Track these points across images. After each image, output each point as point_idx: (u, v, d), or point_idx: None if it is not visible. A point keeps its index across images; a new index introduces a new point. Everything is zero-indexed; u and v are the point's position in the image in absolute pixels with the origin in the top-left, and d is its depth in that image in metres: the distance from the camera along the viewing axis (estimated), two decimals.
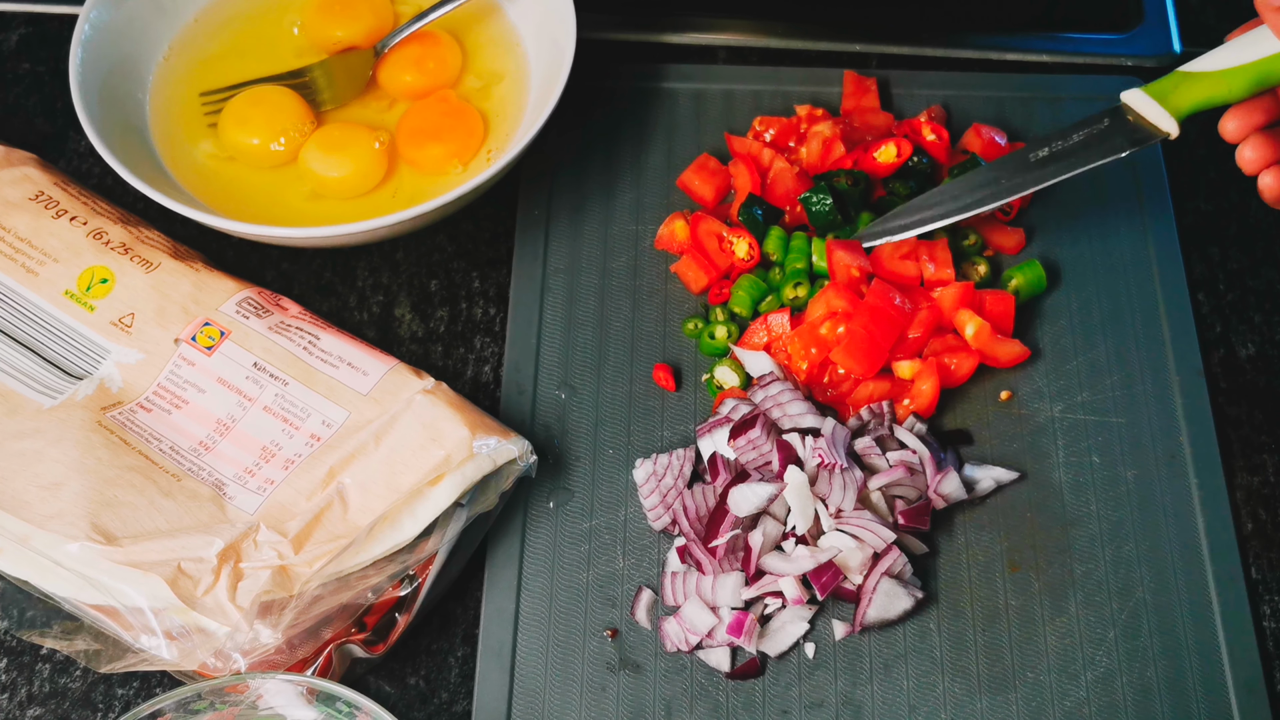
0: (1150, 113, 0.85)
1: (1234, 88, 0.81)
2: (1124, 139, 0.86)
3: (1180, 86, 0.84)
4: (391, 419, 0.82)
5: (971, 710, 0.82)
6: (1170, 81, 0.85)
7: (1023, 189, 0.89)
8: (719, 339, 0.92)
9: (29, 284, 0.87)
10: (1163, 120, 0.85)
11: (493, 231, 0.99)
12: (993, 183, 0.90)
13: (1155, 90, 0.86)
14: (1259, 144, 0.81)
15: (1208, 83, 0.82)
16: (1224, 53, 0.82)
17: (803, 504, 0.83)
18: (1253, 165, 0.81)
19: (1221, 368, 0.95)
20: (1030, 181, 0.89)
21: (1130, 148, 0.86)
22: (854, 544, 0.83)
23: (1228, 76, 0.81)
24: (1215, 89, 0.82)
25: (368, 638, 0.81)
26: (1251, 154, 0.81)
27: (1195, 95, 0.84)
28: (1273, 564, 0.88)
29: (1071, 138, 0.88)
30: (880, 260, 0.92)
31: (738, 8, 1.10)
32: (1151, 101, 0.85)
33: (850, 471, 0.84)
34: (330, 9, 1.02)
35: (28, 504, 0.78)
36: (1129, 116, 0.87)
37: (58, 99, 1.05)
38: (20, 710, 0.82)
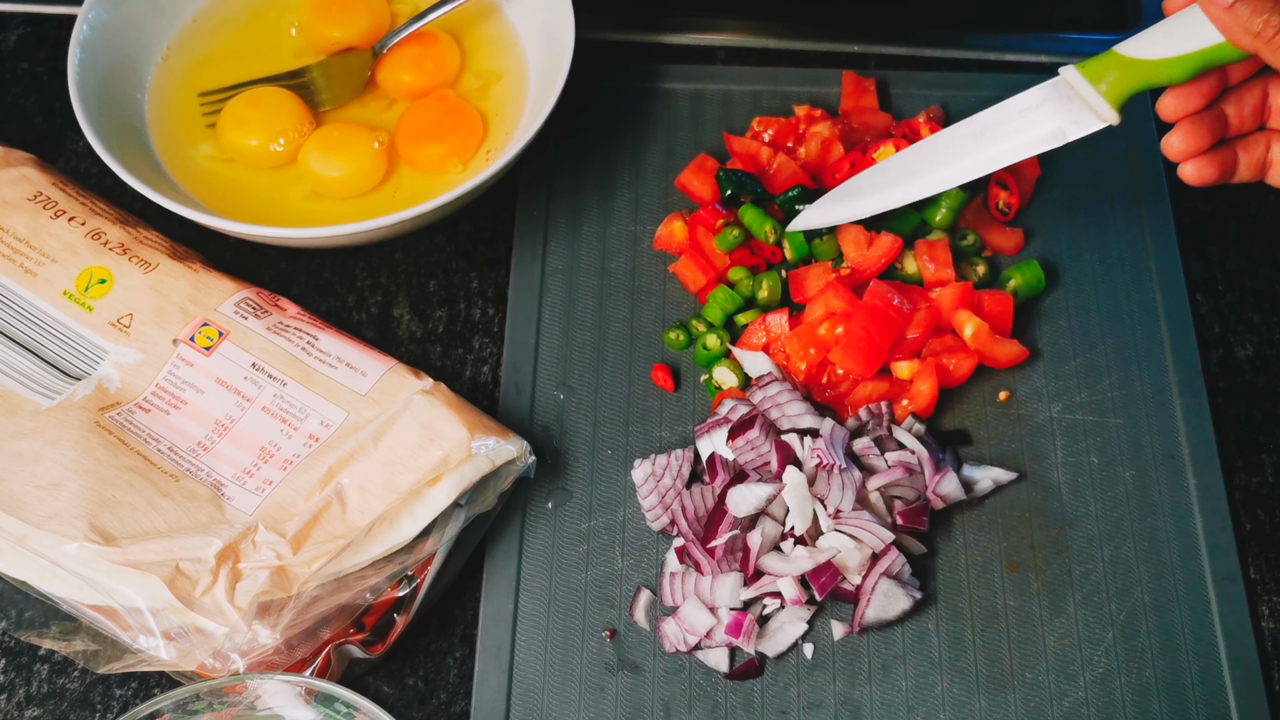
0: (1090, 98, 0.81)
1: (1174, 75, 0.78)
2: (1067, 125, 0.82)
3: (1120, 71, 0.79)
4: (390, 419, 0.82)
5: (970, 710, 0.82)
6: (1108, 63, 0.80)
7: (963, 177, 0.85)
8: (712, 347, 0.92)
9: (27, 284, 0.87)
10: (1103, 109, 0.81)
11: (491, 232, 0.99)
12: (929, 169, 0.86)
13: (1092, 73, 0.81)
14: (1189, 133, 0.78)
15: (1147, 69, 0.78)
16: (1165, 35, 0.78)
17: (801, 504, 0.83)
18: (1178, 154, 0.79)
19: (1220, 368, 0.95)
20: (970, 168, 0.85)
21: (1074, 135, 0.82)
22: (852, 544, 0.83)
23: (1168, 65, 0.77)
24: (1155, 75, 0.78)
25: (366, 638, 0.81)
26: (1179, 143, 0.79)
27: (1135, 81, 0.79)
28: (1271, 564, 0.88)
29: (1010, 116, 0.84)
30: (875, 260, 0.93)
31: (736, 8, 1.10)
32: (1089, 87, 0.80)
33: (849, 472, 0.84)
34: (327, 10, 1.02)
35: (26, 504, 0.78)
36: (1067, 94, 0.82)
37: (56, 99, 1.05)
38: (19, 711, 0.82)
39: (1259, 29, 0.73)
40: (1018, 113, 0.84)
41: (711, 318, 0.93)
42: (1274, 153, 0.80)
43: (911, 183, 0.87)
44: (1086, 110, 0.81)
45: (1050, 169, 1.01)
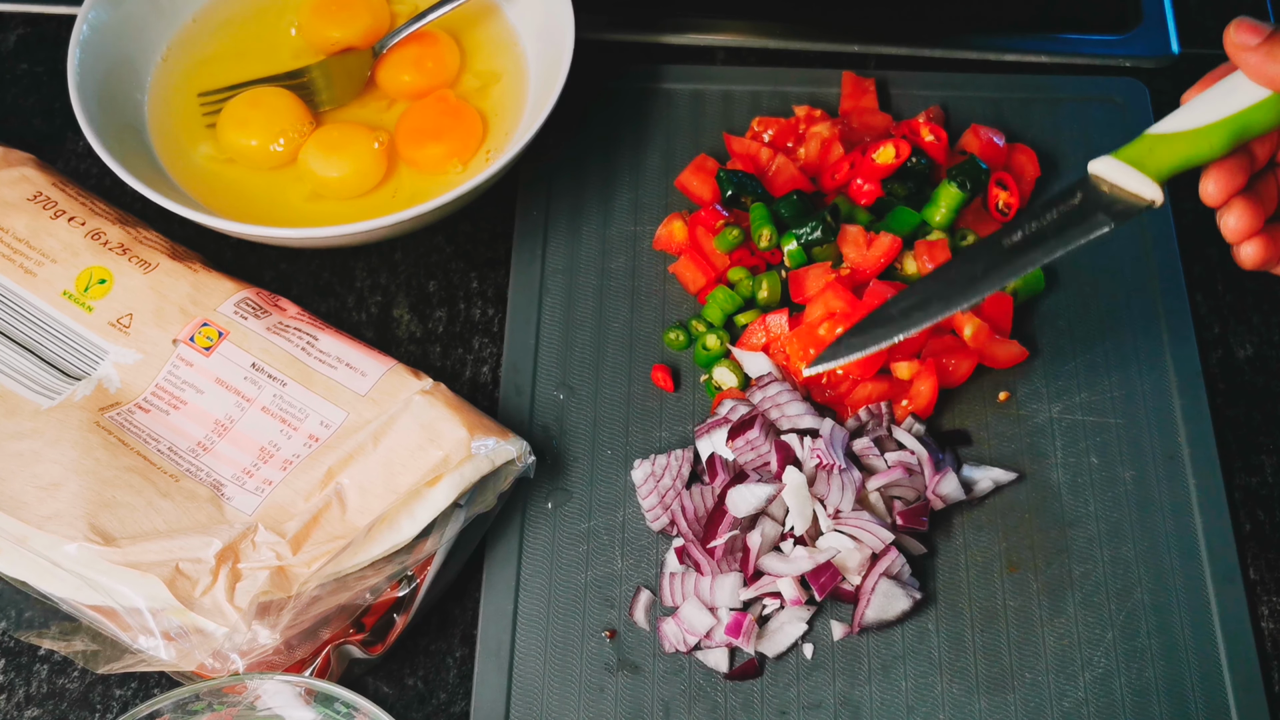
0: (1127, 181, 0.76)
1: (1214, 144, 0.74)
2: (1105, 214, 0.77)
3: (1156, 150, 0.76)
4: (390, 420, 0.82)
5: (970, 711, 0.82)
6: (1143, 146, 0.76)
7: (1000, 283, 0.78)
8: (712, 348, 0.92)
9: (27, 284, 0.87)
10: (1144, 187, 0.76)
11: (491, 232, 0.99)
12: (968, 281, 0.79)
13: (1129, 157, 0.76)
14: (1243, 211, 0.75)
15: (1185, 142, 0.75)
16: (1194, 109, 0.75)
17: (801, 505, 0.83)
18: (1237, 235, 0.76)
19: (1220, 368, 0.95)
20: (1009, 273, 0.78)
21: (1114, 222, 0.76)
22: (852, 545, 0.83)
23: (1207, 134, 0.74)
24: (1194, 148, 0.75)
25: (366, 638, 0.81)
26: (1236, 223, 0.75)
27: (1174, 157, 0.75)
28: (1271, 564, 0.88)
29: (1046, 218, 0.78)
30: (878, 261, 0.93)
31: (736, 8, 1.10)
32: (1127, 168, 0.76)
33: (849, 472, 0.84)
34: (327, 10, 1.02)
35: (26, 504, 0.78)
36: (1103, 187, 0.77)
37: (56, 99, 1.05)
38: (18, 711, 0.82)
39: None
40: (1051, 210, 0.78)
41: (711, 318, 0.93)
42: None
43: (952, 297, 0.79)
44: (1125, 192, 0.76)
45: (1050, 169, 1.01)
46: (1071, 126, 1.03)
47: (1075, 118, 1.04)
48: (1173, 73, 1.08)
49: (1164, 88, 1.06)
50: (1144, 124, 1.02)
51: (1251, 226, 0.76)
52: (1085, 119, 1.03)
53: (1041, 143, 1.02)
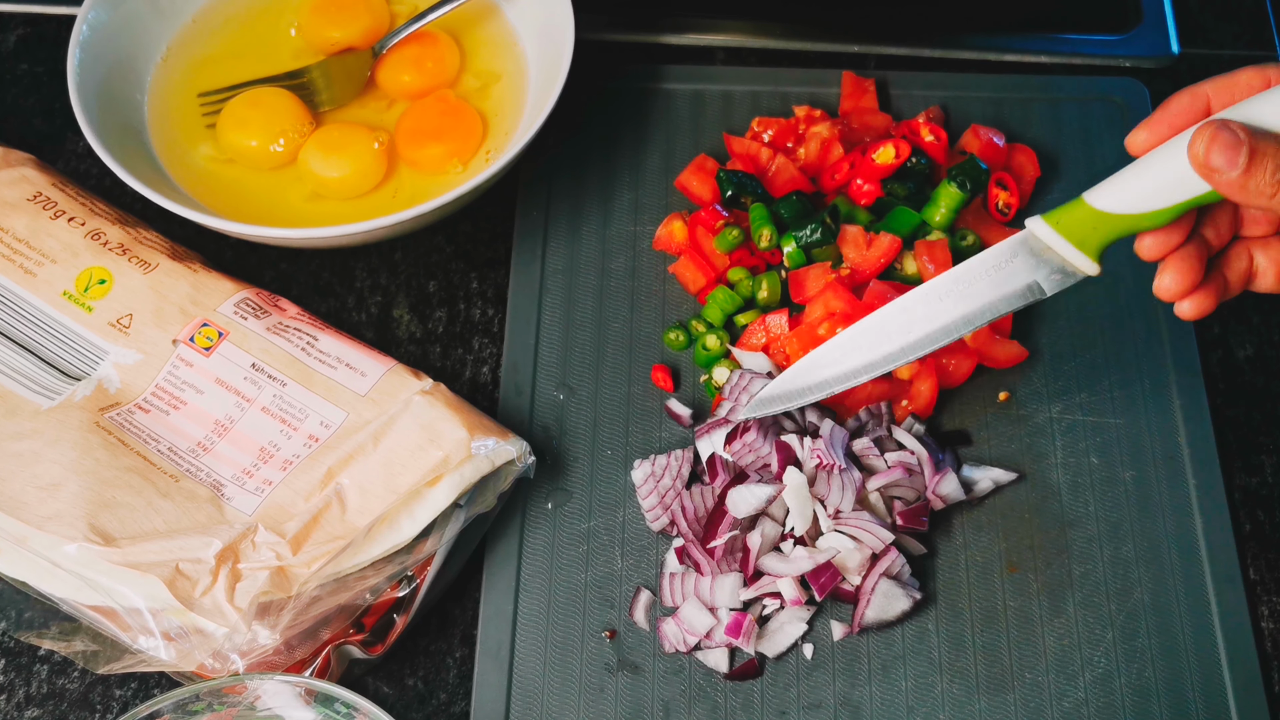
0: (1067, 253, 0.75)
1: (1155, 225, 0.72)
2: (1042, 281, 0.76)
3: (1099, 228, 0.74)
4: (390, 420, 0.82)
5: (970, 711, 0.82)
6: (1085, 222, 0.74)
7: (930, 345, 0.78)
8: (713, 348, 0.92)
9: (27, 285, 0.87)
10: (1084, 263, 0.75)
11: (491, 232, 0.99)
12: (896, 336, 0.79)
13: (1064, 227, 0.75)
14: (1179, 271, 0.73)
15: (1125, 223, 0.73)
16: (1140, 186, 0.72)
17: (801, 505, 0.83)
18: (1171, 294, 0.74)
19: (1220, 369, 0.95)
20: (939, 335, 0.78)
21: (1052, 289, 0.76)
22: (852, 545, 0.82)
23: (1149, 218, 0.72)
24: (1134, 227, 0.73)
25: (366, 639, 0.81)
26: (1171, 283, 0.74)
27: (1111, 235, 0.74)
28: (1271, 565, 0.88)
29: (978, 275, 0.77)
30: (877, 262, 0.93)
31: (736, 9, 1.10)
32: (1067, 244, 0.75)
33: (849, 472, 0.84)
34: (326, 10, 1.02)
35: (26, 505, 0.78)
36: (1039, 250, 0.76)
37: (56, 100, 1.05)
38: (18, 711, 0.82)
39: (1273, 192, 0.68)
40: (987, 270, 0.77)
41: (711, 318, 0.93)
42: (1258, 261, 0.76)
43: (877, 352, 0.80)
44: (1062, 263, 0.76)
45: (1050, 169, 1.01)
46: (1071, 126, 1.03)
47: (1075, 118, 1.04)
48: (1173, 73, 1.08)
49: (1164, 88, 1.06)
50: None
51: (1186, 286, 0.74)
52: (1085, 119, 1.03)
53: (1041, 143, 1.02)
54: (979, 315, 0.78)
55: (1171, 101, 0.74)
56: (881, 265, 0.93)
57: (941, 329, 0.78)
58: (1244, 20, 1.11)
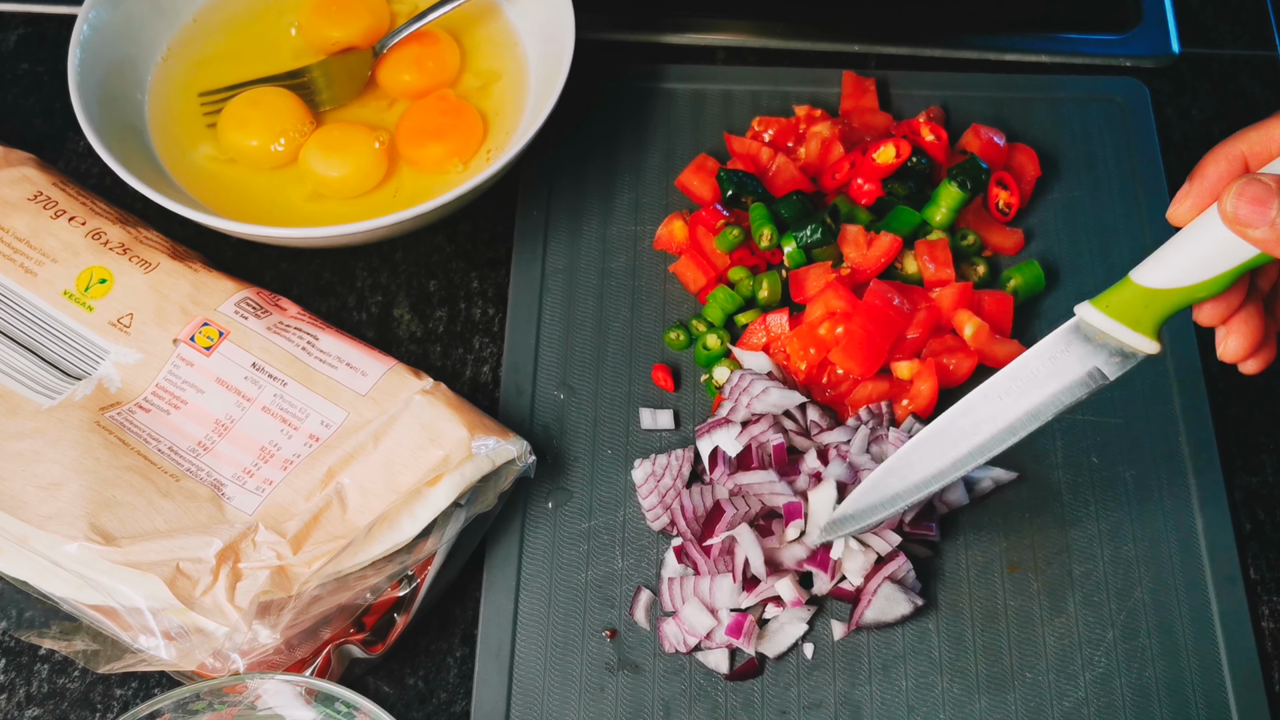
0: (1121, 335, 0.72)
1: (1213, 291, 0.69)
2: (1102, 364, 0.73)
3: (1151, 305, 0.71)
4: (390, 419, 0.82)
5: (970, 710, 0.82)
6: (1135, 300, 0.71)
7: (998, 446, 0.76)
8: (713, 347, 0.92)
9: (28, 284, 0.87)
10: (1143, 343, 0.72)
11: (491, 232, 0.99)
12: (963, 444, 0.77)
13: (1117, 311, 0.72)
14: (1242, 333, 0.71)
15: (1178, 297, 0.70)
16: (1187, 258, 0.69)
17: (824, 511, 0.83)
18: (1237, 357, 0.72)
19: (1220, 368, 0.95)
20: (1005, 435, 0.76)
21: (1115, 373, 0.73)
22: (857, 547, 0.82)
23: (1202, 289, 0.69)
24: (1188, 299, 0.70)
25: (366, 638, 0.81)
26: (1237, 347, 0.72)
27: (1166, 311, 0.71)
28: (1271, 564, 0.88)
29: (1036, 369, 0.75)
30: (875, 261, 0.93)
31: (736, 8, 1.10)
32: (1119, 325, 0.72)
33: None
34: (327, 10, 1.02)
35: (26, 504, 0.78)
36: (1094, 336, 0.74)
37: (56, 99, 1.05)
38: (19, 711, 0.82)
39: None
40: (1044, 363, 0.75)
41: (712, 318, 0.93)
42: None
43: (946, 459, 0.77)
44: (1120, 345, 0.73)
45: (1051, 169, 1.01)
46: (1072, 126, 1.03)
47: (1076, 118, 1.04)
48: (1173, 73, 1.08)
49: (1164, 88, 1.06)
50: (1144, 124, 1.03)
51: (1250, 346, 0.72)
52: (1086, 119, 1.03)
53: (1042, 142, 1.02)
54: (1043, 410, 0.75)
55: (1207, 167, 0.70)
56: (882, 265, 0.93)
57: (1007, 428, 0.76)
58: (1244, 20, 1.11)
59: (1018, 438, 0.76)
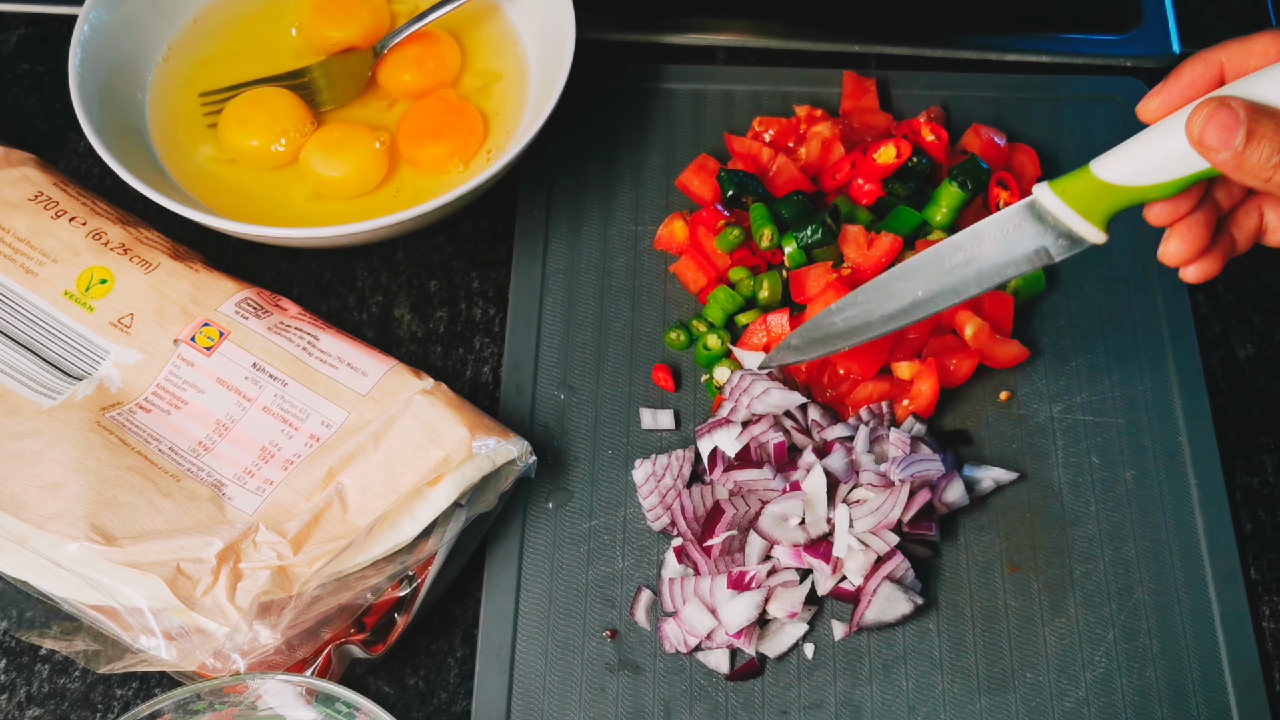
0: (1073, 222, 0.75)
1: (1161, 196, 0.72)
2: (1048, 247, 0.76)
3: (1104, 198, 0.73)
4: (391, 419, 0.82)
5: (971, 710, 0.82)
6: (1085, 187, 0.74)
7: (940, 304, 0.79)
8: (714, 347, 0.92)
9: (28, 284, 0.87)
10: (1090, 231, 0.75)
11: (492, 232, 0.99)
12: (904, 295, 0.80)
13: (1071, 197, 0.74)
14: (1185, 237, 0.73)
15: (1131, 194, 0.72)
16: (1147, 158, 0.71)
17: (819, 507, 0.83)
18: (1176, 260, 0.74)
19: (1221, 368, 0.95)
20: (948, 295, 0.79)
21: (1060, 255, 0.76)
22: (858, 546, 0.82)
23: (1154, 190, 0.71)
24: (1140, 198, 0.72)
25: (367, 638, 0.81)
26: (1176, 250, 0.73)
27: (1117, 205, 0.73)
28: (1272, 564, 0.88)
29: (986, 237, 0.78)
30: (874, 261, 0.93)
31: (737, 8, 1.10)
32: (1073, 213, 0.74)
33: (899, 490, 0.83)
34: (327, 10, 1.02)
35: (27, 504, 0.78)
36: (1048, 218, 0.75)
37: (57, 99, 1.05)
38: (19, 711, 0.82)
39: (1270, 174, 0.67)
40: (994, 234, 0.78)
41: (712, 318, 0.93)
42: (1268, 218, 0.75)
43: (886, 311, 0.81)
44: (1069, 230, 0.75)
45: (1051, 169, 1.01)
46: (1072, 126, 1.03)
47: (1076, 118, 1.04)
48: None
49: None
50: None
51: (1192, 252, 0.73)
52: (1086, 119, 1.03)
53: (1042, 143, 1.02)
54: (987, 276, 0.78)
55: (1184, 69, 0.71)
56: (882, 265, 0.93)
57: (950, 289, 0.79)
58: (1244, 20, 1.11)
59: (959, 299, 0.79)
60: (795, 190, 0.95)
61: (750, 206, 0.95)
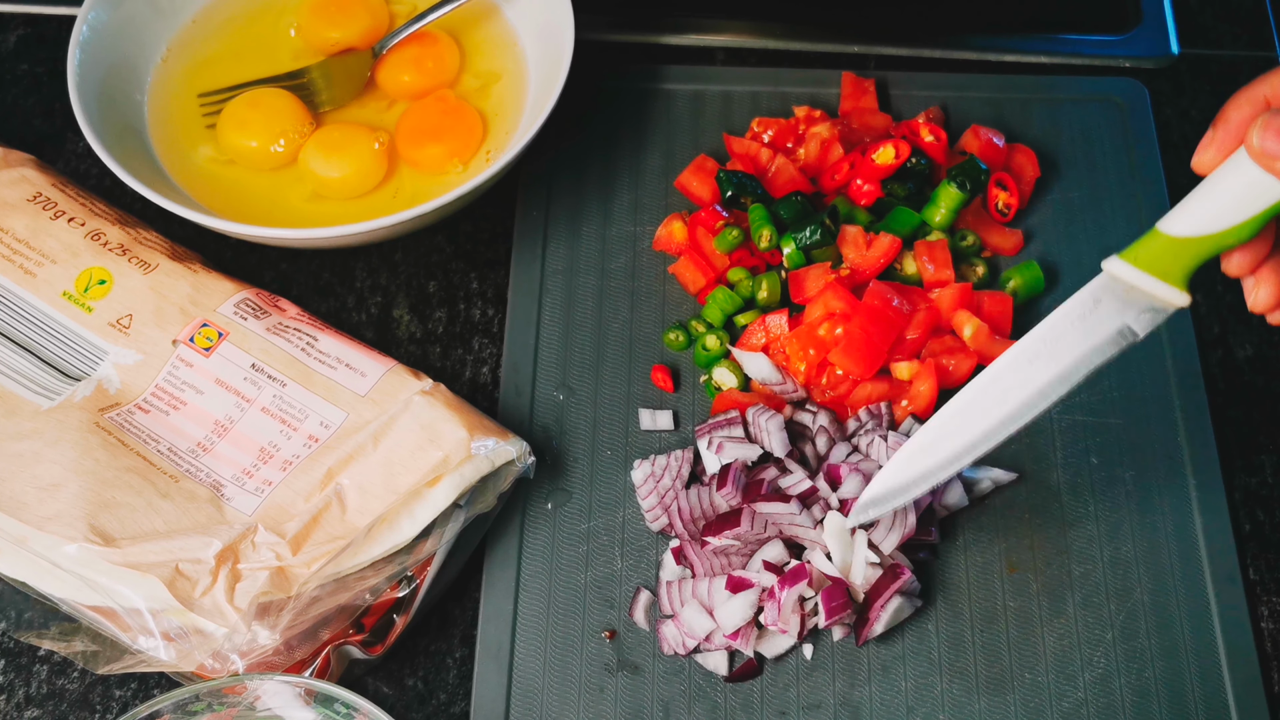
0: (1150, 286, 0.72)
1: (1242, 238, 0.69)
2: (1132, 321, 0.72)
3: (1180, 255, 0.70)
4: (390, 420, 0.82)
5: (970, 711, 0.82)
6: (1163, 251, 0.71)
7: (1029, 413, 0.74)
8: (713, 348, 0.92)
9: (27, 285, 0.87)
10: (1172, 295, 0.71)
11: (491, 232, 0.99)
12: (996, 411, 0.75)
13: (1144, 262, 0.71)
14: (1271, 282, 0.70)
15: (1207, 244, 0.69)
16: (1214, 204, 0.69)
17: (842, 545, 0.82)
18: (1266, 306, 0.71)
19: (1220, 369, 0.95)
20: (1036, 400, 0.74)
21: (1144, 329, 0.72)
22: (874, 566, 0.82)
23: (1234, 233, 0.69)
24: (1218, 247, 0.69)
25: (366, 639, 0.81)
26: (1267, 298, 0.71)
27: (1195, 260, 0.70)
28: (1270, 565, 0.88)
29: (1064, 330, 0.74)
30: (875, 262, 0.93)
31: (736, 9, 1.10)
32: (1147, 277, 0.71)
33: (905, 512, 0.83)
34: (325, 11, 1.02)
35: (26, 505, 0.78)
36: (1121, 292, 0.73)
37: (56, 100, 1.05)
38: (18, 711, 0.82)
39: None
40: (1072, 323, 0.74)
41: (711, 318, 0.93)
42: None
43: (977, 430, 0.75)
44: (1149, 300, 0.72)
45: (1050, 170, 1.01)
46: (1071, 127, 1.03)
47: (1075, 118, 1.04)
48: (1172, 73, 1.08)
49: (1164, 88, 1.06)
50: (1144, 125, 1.03)
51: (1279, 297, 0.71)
52: (1085, 119, 1.03)
53: (1041, 143, 1.02)
54: (1073, 372, 0.73)
55: (1230, 111, 0.69)
56: (881, 265, 0.93)
57: (1037, 393, 0.74)
58: (1244, 20, 1.11)
59: (1049, 403, 0.74)
60: (794, 191, 0.95)
61: (749, 207, 0.95)
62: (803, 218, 0.94)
